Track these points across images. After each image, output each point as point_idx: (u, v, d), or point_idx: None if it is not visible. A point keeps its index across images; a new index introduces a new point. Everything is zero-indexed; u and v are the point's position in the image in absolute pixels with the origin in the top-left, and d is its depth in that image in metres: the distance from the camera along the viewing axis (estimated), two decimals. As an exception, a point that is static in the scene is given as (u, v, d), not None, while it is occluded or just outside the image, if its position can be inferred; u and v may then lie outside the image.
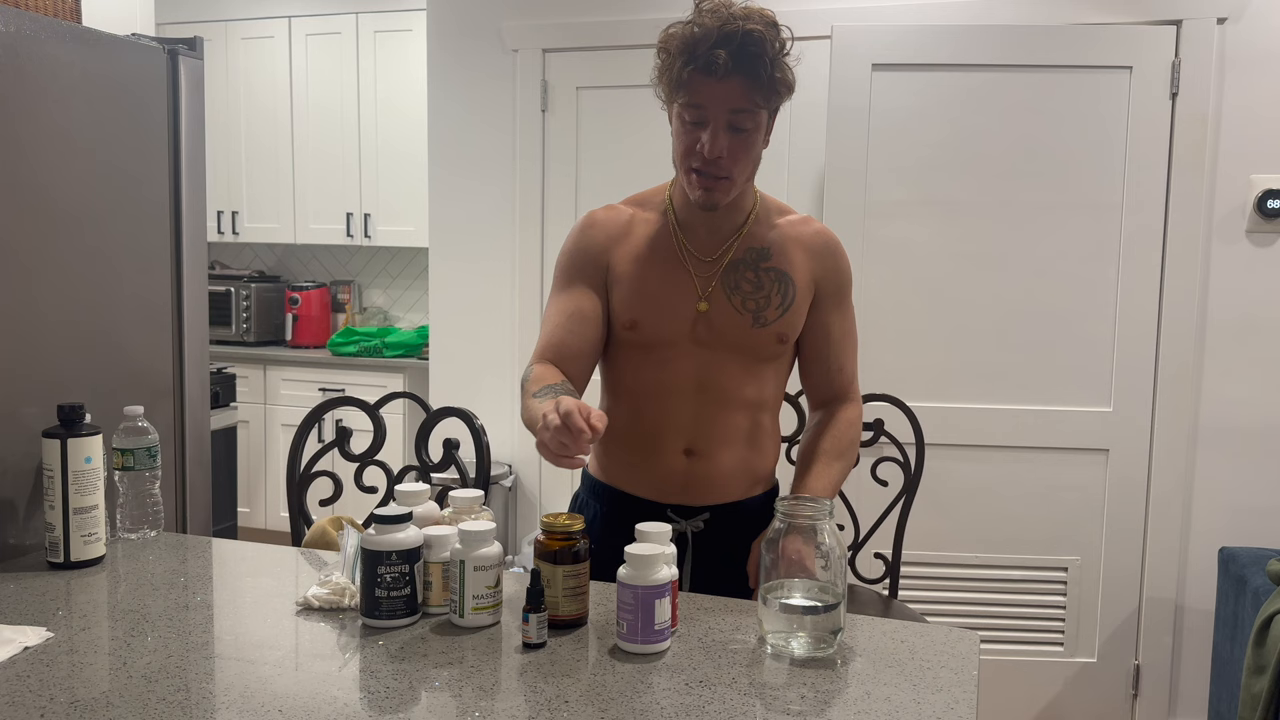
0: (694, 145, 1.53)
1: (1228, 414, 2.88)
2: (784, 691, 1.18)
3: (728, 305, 1.62)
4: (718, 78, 1.47)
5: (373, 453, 1.94)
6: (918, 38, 2.87)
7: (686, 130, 1.54)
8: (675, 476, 1.65)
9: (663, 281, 1.63)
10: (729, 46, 1.46)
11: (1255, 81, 2.80)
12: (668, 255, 1.64)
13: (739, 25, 1.46)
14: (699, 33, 1.47)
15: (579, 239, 1.68)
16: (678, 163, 1.59)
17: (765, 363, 1.66)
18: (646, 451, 1.66)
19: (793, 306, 1.64)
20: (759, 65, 1.47)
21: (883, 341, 2.92)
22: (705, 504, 1.66)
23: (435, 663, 1.23)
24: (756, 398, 1.66)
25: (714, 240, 1.64)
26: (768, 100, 1.52)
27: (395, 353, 4.51)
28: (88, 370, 1.83)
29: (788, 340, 1.66)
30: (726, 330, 1.62)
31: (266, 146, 4.87)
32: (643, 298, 1.62)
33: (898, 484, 2.37)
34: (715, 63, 1.46)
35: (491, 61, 3.39)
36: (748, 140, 1.53)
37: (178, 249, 2.03)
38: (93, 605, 1.42)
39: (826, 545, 1.29)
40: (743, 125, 1.52)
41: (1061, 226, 2.87)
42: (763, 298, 1.62)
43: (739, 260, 1.63)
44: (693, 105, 1.51)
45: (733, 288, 1.62)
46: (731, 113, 1.50)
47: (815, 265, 1.67)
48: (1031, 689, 2.98)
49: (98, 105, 1.83)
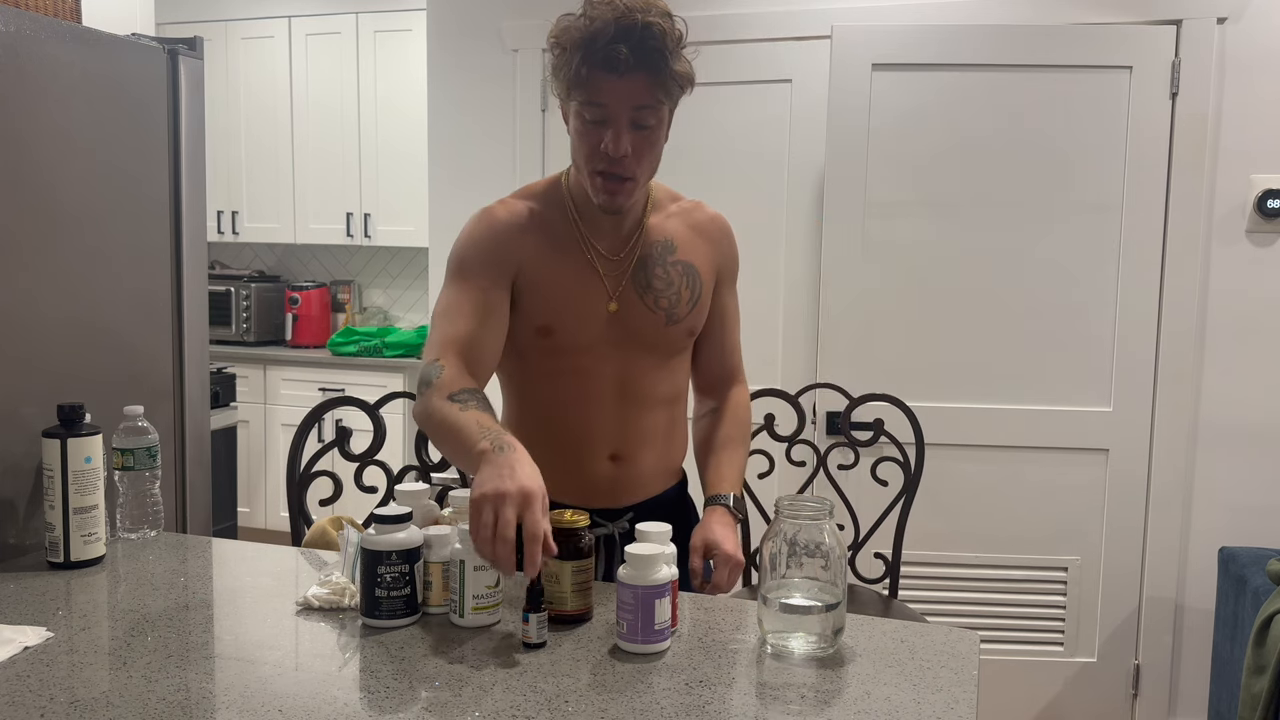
0: (597, 145, 1.46)
1: (1228, 414, 2.88)
2: (784, 691, 1.18)
3: (640, 304, 1.58)
4: (619, 74, 1.41)
5: (373, 453, 1.94)
6: (918, 38, 2.87)
7: (588, 130, 1.47)
8: (600, 482, 1.62)
9: (574, 284, 1.57)
10: (629, 41, 1.39)
11: (1255, 81, 2.80)
12: (575, 256, 1.57)
13: (637, 19, 1.40)
14: (596, 26, 1.40)
15: (487, 233, 1.57)
16: (580, 165, 1.52)
17: (675, 357, 1.65)
18: (569, 460, 1.60)
19: (700, 299, 1.63)
20: (660, 60, 1.42)
21: (883, 341, 2.92)
22: (629, 504, 1.66)
23: (435, 663, 1.22)
24: (671, 393, 1.65)
25: (618, 237, 1.60)
26: (670, 95, 1.47)
27: (395, 353, 4.51)
28: (88, 370, 1.83)
29: (696, 333, 1.66)
30: (640, 330, 1.59)
31: (266, 146, 4.87)
32: (556, 302, 1.56)
33: (898, 484, 2.37)
34: (616, 59, 1.40)
35: (491, 61, 3.39)
36: (651, 137, 1.49)
37: (178, 249, 2.03)
38: (93, 605, 1.42)
39: (826, 545, 1.29)
40: (645, 122, 1.46)
41: (1061, 226, 2.87)
42: (674, 294, 1.60)
43: (646, 256, 1.60)
44: (593, 104, 1.45)
45: (644, 286, 1.59)
46: (634, 110, 1.45)
47: (715, 253, 1.67)
48: (1031, 689, 2.98)
49: (98, 105, 1.83)
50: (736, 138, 3.14)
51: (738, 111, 3.13)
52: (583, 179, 1.54)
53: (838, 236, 2.91)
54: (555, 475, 1.61)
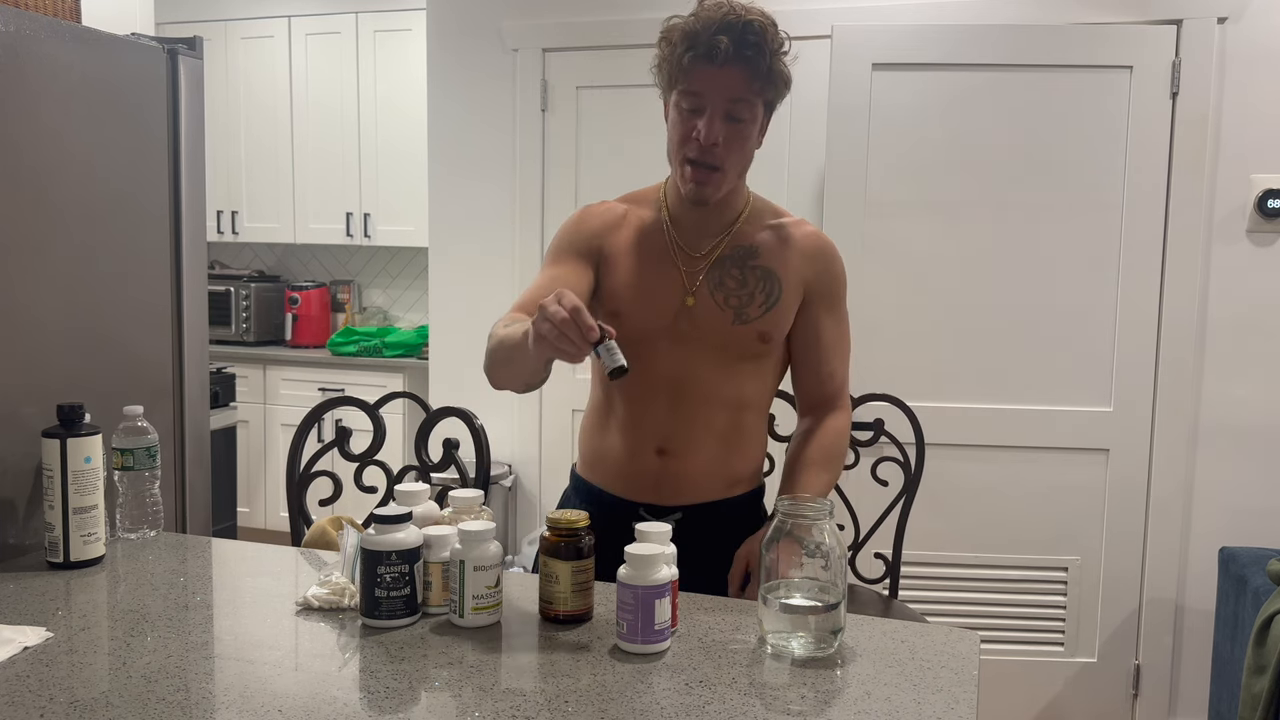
0: (690, 133, 1.54)
1: (1228, 414, 2.88)
2: (784, 691, 1.18)
3: (710, 301, 1.61)
4: (718, 64, 1.49)
5: (372, 453, 1.94)
6: (918, 37, 2.87)
7: (683, 118, 1.55)
8: (648, 475, 1.64)
9: (650, 275, 1.63)
10: (731, 35, 1.48)
11: (1255, 81, 2.80)
12: (658, 250, 1.64)
13: (741, 16, 1.49)
14: (702, 22, 1.50)
15: (575, 224, 1.68)
16: (672, 153, 1.59)
17: (746, 361, 1.64)
18: (620, 449, 1.66)
19: (778, 305, 1.63)
20: (759, 55, 1.50)
21: (883, 341, 2.92)
22: (678, 504, 1.65)
23: (435, 663, 1.22)
24: (735, 397, 1.64)
25: (704, 237, 1.64)
26: (764, 91, 1.53)
27: (395, 352, 4.51)
28: (88, 370, 1.83)
29: (771, 339, 1.64)
30: (708, 326, 1.61)
31: (266, 146, 4.87)
32: (629, 289, 1.63)
33: (898, 484, 2.37)
34: (717, 49, 1.48)
35: (491, 61, 3.39)
36: (743, 132, 1.55)
37: (178, 249, 2.03)
38: (92, 605, 1.42)
39: (826, 545, 1.29)
40: (740, 115, 1.53)
41: (1061, 226, 2.87)
42: (746, 294, 1.61)
43: (726, 257, 1.63)
44: (691, 92, 1.53)
45: (717, 284, 1.62)
46: (729, 101, 1.52)
47: (806, 267, 1.66)
48: (1031, 689, 2.98)
49: (97, 105, 1.83)
50: (736, 138, 3.14)
51: (738, 111, 3.13)
52: (674, 170, 1.61)
53: (838, 236, 2.90)
54: (607, 462, 1.69)
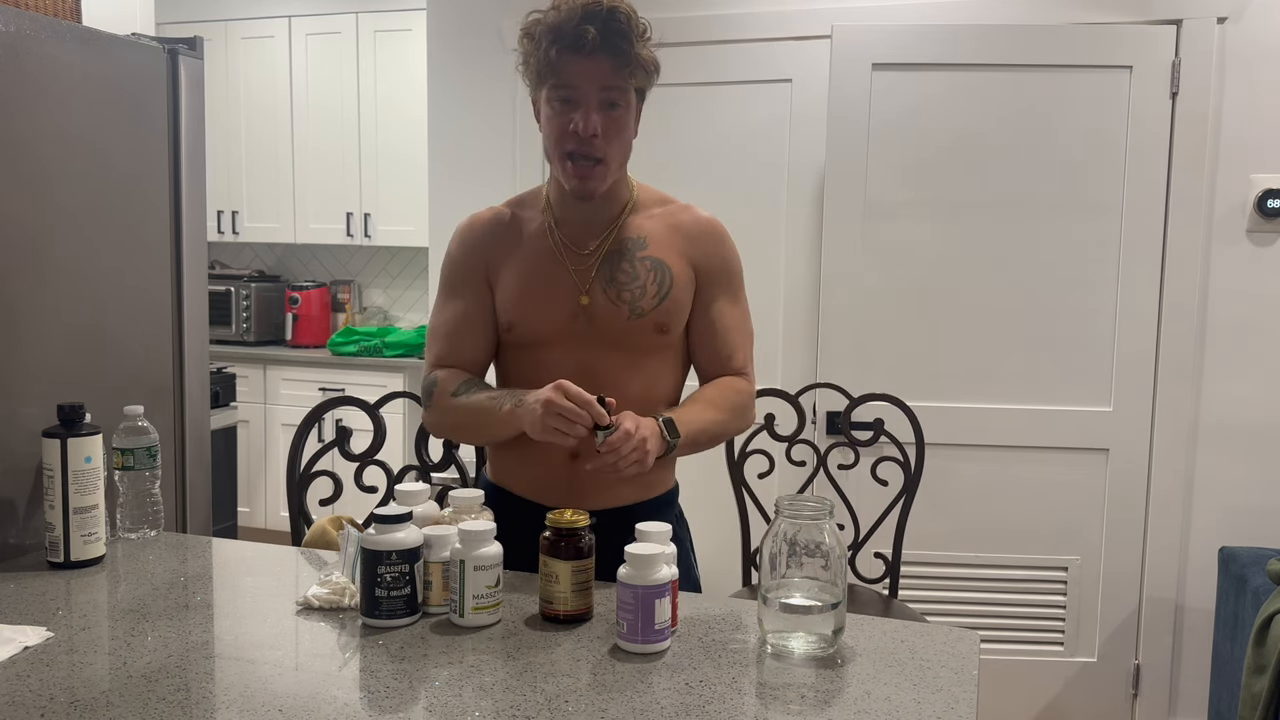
0: (567, 127, 1.52)
1: (1228, 413, 2.88)
2: (784, 691, 1.18)
3: (604, 298, 1.59)
4: (586, 54, 1.49)
5: (373, 452, 1.94)
6: (918, 37, 2.87)
7: (558, 113, 1.53)
8: (559, 480, 1.61)
9: (540, 279, 1.61)
10: (596, 23, 1.48)
11: (1255, 81, 2.80)
12: (546, 253, 1.62)
13: (603, 4, 1.49)
14: (564, 14, 1.50)
15: (459, 244, 1.68)
16: (551, 150, 1.57)
17: (649, 356, 1.62)
18: (530, 454, 1.60)
19: (670, 295, 1.60)
20: (625, 42, 1.50)
21: (883, 341, 2.92)
22: (593, 509, 1.57)
23: (435, 663, 1.23)
24: (644, 394, 1.61)
25: (590, 234, 1.62)
26: (635, 75, 1.53)
27: (395, 352, 4.51)
28: (88, 370, 1.83)
29: (669, 330, 1.62)
30: (605, 324, 1.59)
31: (266, 146, 4.87)
32: (522, 296, 1.61)
33: (898, 484, 2.37)
34: (584, 39, 1.48)
35: (491, 61, 3.39)
36: (620, 120, 1.54)
37: (178, 249, 2.03)
38: (93, 605, 1.42)
39: (826, 545, 1.29)
40: (615, 102, 1.53)
41: (1061, 226, 2.87)
42: (638, 287, 1.59)
43: (614, 251, 1.61)
44: (563, 85, 1.52)
45: (608, 280, 1.60)
46: (602, 89, 1.51)
47: (695, 251, 1.64)
48: (1031, 689, 2.98)
49: (98, 105, 1.83)
50: (736, 138, 3.14)
51: (737, 111, 3.13)
52: (554, 167, 1.59)
53: (838, 236, 2.91)
54: (516, 470, 1.66)
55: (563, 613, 1.34)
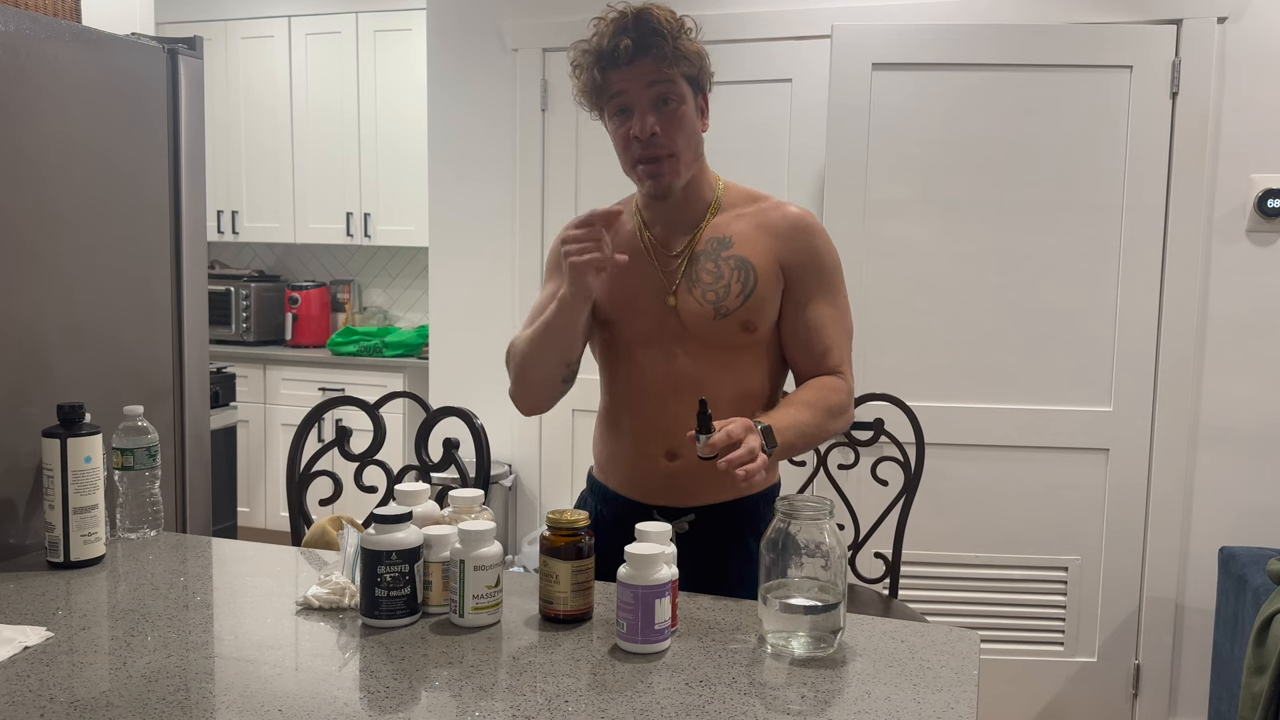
0: (629, 135, 1.56)
1: (1228, 414, 2.88)
2: (784, 691, 1.18)
3: (690, 298, 1.61)
4: (628, 63, 1.52)
5: (373, 452, 1.94)
6: (918, 37, 2.86)
7: (619, 126, 1.57)
8: (657, 478, 1.64)
9: (633, 280, 1.63)
10: (628, 33, 1.52)
11: (1255, 81, 2.80)
12: (637, 254, 1.64)
13: (631, 13, 1.53)
14: (600, 37, 1.55)
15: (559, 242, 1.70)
16: (625, 166, 1.61)
17: (739, 354, 1.62)
18: (631, 453, 1.66)
19: (755, 293, 1.60)
20: (661, 40, 1.52)
21: (883, 341, 2.92)
22: (690, 505, 1.64)
23: (435, 663, 1.23)
24: (737, 393, 1.62)
25: (677, 235, 1.64)
26: (679, 65, 1.54)
27: (395, 352, 4.51)
28: (88, 370, 1.83)
29: (755, 328, 1.61)
30: (693, 324, 1.61)
31: (266, 146, 4.87)
32: (615, 297, 1.63)
33: (898, 484, 2.37)
34: (620, 50, 1.52)
35: (491, 61, 3.39)
36: (676, 113, 1.55)
37: (178, 249, 2.03)
38: (93, 605, 1.42)
39: (826, 545, 1.29)
40: (666, 96, 1.54)
41: (1061, 226, 2.87)
42: (722, 287, 1.60)
43: (700, 252, 1.62)
44: (614, 95, 1.56)
45: (694, 280, 1.61)
46: (649, 87, 1.53)
47: (782, 248, 1.63)
48: (1031, 689, 2.98)
49: (98, 105, 1.83)
50: (736, 137, 3.14)
51: (738, 111, 3.13)
52: (633, 179, 1.63)
53: (838, 236, 2.88)
54: (618, 468, 1.70)
55: (563, 613, 1.34)
